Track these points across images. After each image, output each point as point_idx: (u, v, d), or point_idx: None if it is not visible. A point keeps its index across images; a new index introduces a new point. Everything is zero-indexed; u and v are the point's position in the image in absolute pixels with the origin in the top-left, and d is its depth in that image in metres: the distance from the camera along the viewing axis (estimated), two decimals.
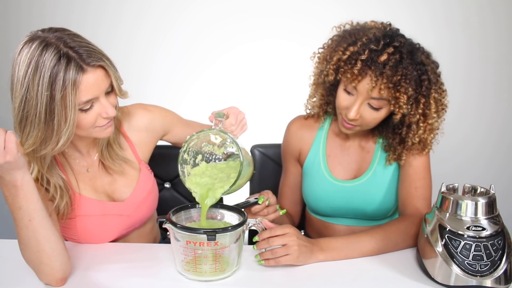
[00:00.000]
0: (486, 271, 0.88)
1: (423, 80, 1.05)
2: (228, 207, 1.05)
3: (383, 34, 1.07)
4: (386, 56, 1.02)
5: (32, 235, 0.89)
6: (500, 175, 2.40)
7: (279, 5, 2.31)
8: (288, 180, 1.36)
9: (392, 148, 1.19)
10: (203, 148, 1.05)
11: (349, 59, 1.06)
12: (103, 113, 0.96)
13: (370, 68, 1.03)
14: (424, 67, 1.06)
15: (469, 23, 2.25)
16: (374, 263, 1.02)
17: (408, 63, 1.03)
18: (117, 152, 1.12)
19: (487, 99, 2.35)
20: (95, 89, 0.92)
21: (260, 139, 1.60)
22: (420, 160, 1.17)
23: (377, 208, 1.23)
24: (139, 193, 1.17)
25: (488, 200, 0.92)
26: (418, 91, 1.05)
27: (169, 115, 1.25)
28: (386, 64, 1.02)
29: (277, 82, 2.40)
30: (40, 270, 0.92)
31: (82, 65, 0.89)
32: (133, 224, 1.18)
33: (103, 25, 2.38)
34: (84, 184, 1.11)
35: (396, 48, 1.04)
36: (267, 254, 0.99)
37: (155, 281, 0.96)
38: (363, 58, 1.03)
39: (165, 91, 2.49)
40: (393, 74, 1.02)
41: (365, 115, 1.09)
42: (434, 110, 1.08)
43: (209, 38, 2.40)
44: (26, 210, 0.87)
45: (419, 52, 1.08)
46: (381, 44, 1.04)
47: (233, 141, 1.00)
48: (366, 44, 1.05)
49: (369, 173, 1.23)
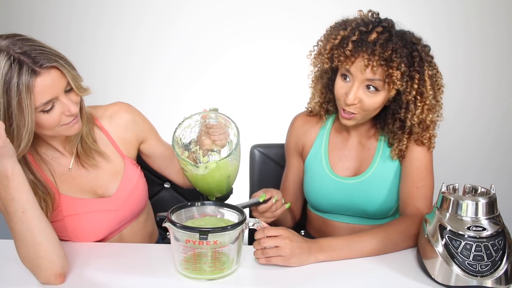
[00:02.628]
0: (486, 271, 0.88)
1: (414, 57, 1.08)
2: (229, 206, 1.05)
3: (371, 20, 1.12)
4: (375, 34, 1.06)
5: (27, 228, 0.90)
6: (500, 175, 2.40)
7: (279, 5, 2.31)
8: (290, 175, 1.37)
9: (396, 138, 1.19)
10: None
11: (340, 43, 1.09)
12: (65, 111, 0.97)
13: (361, 48, 1.06)
14: (414, 45, 1.09)
15: (469, 23, 2.25)
16: (374, 263, 1.02)
17: (398, 40, 1.07)
18: (90, 146, 1.14)
19: (487, 99, 2.35)
20: (52, 90, 0.93)
21: (260, 139, 1.60)
22: (422, 159, 1.17)
23: (377, 206, 1.23)
24: (125, 187, 1.18)
25: (488, 200, 0.91)
26: (411, 69, 1.08)
27: (149, 124, 1.28)
28: (376, 42, 1.05)
29: (277, 82, 2.40)
30: (38, 266, 0.92)
31: (35, 68, 0.90)
32: (124, 218, 1.19)
33: (103, 26, 2.39)
34: (68, 183, 1.12)
35: (385, 28, 1.08)
36: (257, 253, 1.00)
37: (155, 280, 0.95)
38: (354, 39, 1.07)
39: (165, 91, 2.49)
40: (384, 51, 1.04)
41: (363, 99, 1.11)
42: (429, 88, 1.10)
43: (209, 39, 2.40)
44: (19, 201, 0.89)
45: (409, 34, 1.12)
46: (370, 26, 1.09)
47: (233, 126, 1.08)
48: (355, 27, 1.09)
49: (369, 171, 1.23)
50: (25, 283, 0.95)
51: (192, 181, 1.13)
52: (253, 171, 1.56)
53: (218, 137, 1.11)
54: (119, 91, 2.47)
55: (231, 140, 1.12)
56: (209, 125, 1.11)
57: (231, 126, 1.11)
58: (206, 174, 1.06)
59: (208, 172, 1.06)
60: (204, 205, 1.05)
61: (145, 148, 1.28)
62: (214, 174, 1.07)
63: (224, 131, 1.12)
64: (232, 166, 1.10)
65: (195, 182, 1.12)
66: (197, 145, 1.14)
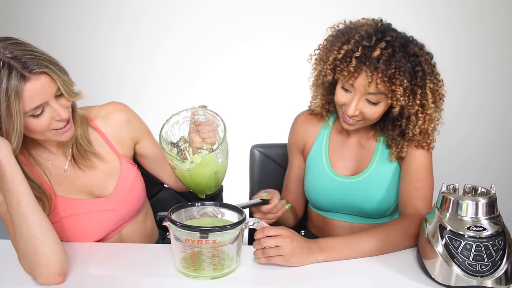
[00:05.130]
0: (486, 271, 0.88)
1: (417, 71, 1.07)
2: (229, 206, 1.05)
3: (375, 30, 1.10)
4: (379, 51, 1.05)
5: (22, 220, 0.91)
6: (500, 175, 2.41)
7: (279, 5, 2.31)
8: (293, 173, 1.38)
9: (395, 142, 1.20)
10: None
11: (344, 58, 1.08)
12: (55, 116, 0.98)
13: (364, 64, 1.06)
14: (417, 58, 1.08)
15: (469, 23, 2.26)
16: (374, 263, 1.02)
17: (401, 56, 1.06)
18: (85, 148, 1.14)
19: (487, 99, 2.35)
20: (41, 95, 0.93)
21: (260, 139, 1.60)
22: (421, 160, 1.17)
23: (375, 206, 1.23)
24: (122, 187, 1.18)
25: (488, 200, 0.91)
26: (413, 82, 1.08)
27: (144, 124, 1.28)
28: (380, 59, 1.05)
29: (277, 82, 2.40)
30: (36, 263, 0.91)
31: (24, 73, 0.90)
32: (122, 218, 1.19)
33: (103, 26, 2.39)
34: (64, 185, 1.13)
35: (388, 42, 1.07)
36: (258, 253, 1.00)
37: (155, 280, 0.95)
38: (357, 55, 1.06)
39: (165, 90, 2.49)
40: (387, 68, 1.04)
41: (364, 110, 1.11)
42: (431, 100, 1.10)
43: (209, 38, 2.40)
44: (13, 192, 0.91)
45: (412, 44, 1.10)
46: (374, 40, 1.07)
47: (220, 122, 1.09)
48: (359, 41, 1.08)
49: (368, 170, 1.24)
50: (25, 283, 0.95)
51: (181, 178, 1.13)
52: (253, 171, 1.56)
53: (207, 134, 1.12)
54: (119, 91, 2.47)
55: (219, 136, 1.13)
56: (197, 122, 1.12)
57: (218, 123, 1.11)
58: (192, 170, 1.06)
59: (195, 167, 1.06)
60: (204, 205, 1.05)
61: (139, 149, 1.28)
62: (200, 170, 1.07)
63: (213, 128, 1.12)
64: (219, 162, 1.10)
65: (183, 179, 1.12)
66: (186, 142, 1.14)
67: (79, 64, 2.39)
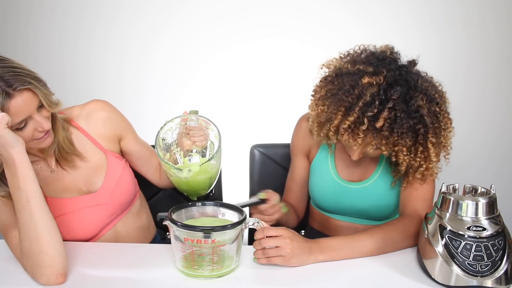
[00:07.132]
0: (486, 271, 0.88)
1: (418, 129, 1.05)
2: (229, 205, 1.05)
3: (377, 91, 1.04)
4: (382, 122, 1.03)
5: (30, 219, 0.92)
6: (500, 175, 2.41)
7: (279, 4, 2.31)
8: (295, 175, 1.37)
9: (394, 174, 1.21)
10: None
11: (349, 127, 1.07)
12: (38, 127, 1.00)
13: (369, 132, 1.05)
14: (419, 113, 1.04)
15: (469, 23, 2.25)
16: (374, 263, 1.02)
17: (403, 117, 1.02)
18: (67, 151, 1.15)
19: (487, 99, 2.35)
20: (25, 110, 0.95)
21: (260, 139, 1.60)
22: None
23: (380, 210, 1.25)
24: (110, 180, 1.20)
25: (488, 200, 0.91)
26: (415, 141, 1.06)
27: (126, 121, 1.29)
28: (383, 126, 1.03)
29: (277, 82, 2.40)
30: (39, 262, 0.92)
31: (9, 91, 0.92)
32: (114, 211, 1.20)
33: (99, 25, 2.38)
34: (52, 185, 1.14)
35: (391, 109, 1.03)
36: (258, 253, 1.00)
37: (155, 280, 0.96)
38: (364, 128, 1.04)
39: (163, 89, 2.49)
40: (390, 135, 1.04)
41: (368, 153, 1.13)
42: (433, 154, 1.09)
43: (209, 38, 2.40)
44: (23, 190, 0.92)
45: (417, 92, 1.05)
46: (376, 106, 1.03)
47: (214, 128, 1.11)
48: (363, 111, 1.04)
49: (373, 177, 1.25)
50: (25, 283, 0.95)
51: (176, 184, 1.17)
52: (253, 171, 1.55)
53: (198, 138, 1.13)
54: (117, 91, 2.47)
55: (212, 142, 1.14)
56: (189, 127, 1.13)
57: (212, 128, 1.13)
58: (189, 178, 1.10)
59: (192, 175, 1.09)
60: (205, 205, 1.06)
61: (123, 146, 1.29)
62: (197, 177, 1.10)
63: (204, 133, 1.14)
64: (214, 168, 1.14)
65: (178, 184, 1.16)
66: (177, 146, 1.16)
67: (76, 64, 2.39)
